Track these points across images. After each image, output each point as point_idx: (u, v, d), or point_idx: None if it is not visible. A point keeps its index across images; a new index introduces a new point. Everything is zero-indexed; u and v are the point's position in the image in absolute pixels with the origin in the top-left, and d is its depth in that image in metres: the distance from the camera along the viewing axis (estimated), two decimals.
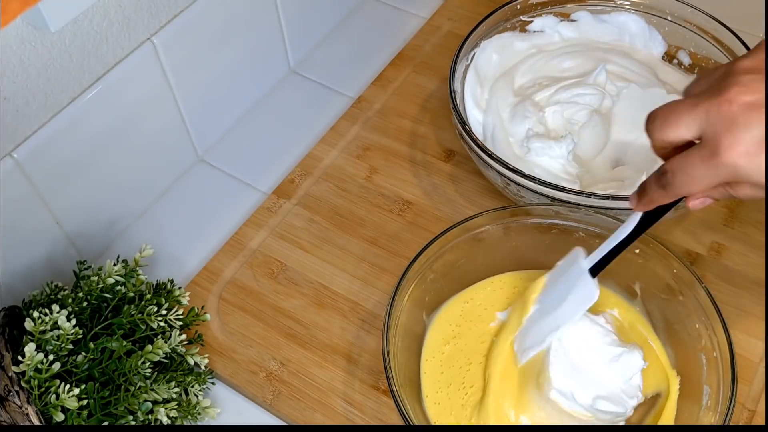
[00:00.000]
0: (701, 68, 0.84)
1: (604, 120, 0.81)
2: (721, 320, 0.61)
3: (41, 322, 0.60)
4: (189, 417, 0.66)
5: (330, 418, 0.68)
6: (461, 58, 0.81)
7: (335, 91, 0.95)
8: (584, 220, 0.69)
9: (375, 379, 0.70)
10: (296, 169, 0.86)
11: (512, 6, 0.86)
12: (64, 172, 0.72)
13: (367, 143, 0.88)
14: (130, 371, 0.62)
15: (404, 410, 0.59)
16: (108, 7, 0.70)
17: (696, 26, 0.83)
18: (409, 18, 1.03)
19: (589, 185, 0.77)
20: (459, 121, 0.75)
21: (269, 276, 0.78)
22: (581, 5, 0.88)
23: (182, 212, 0.85)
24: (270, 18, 0.90)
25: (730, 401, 0.58)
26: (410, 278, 0.66)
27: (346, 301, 0.76)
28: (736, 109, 0.47)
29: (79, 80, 0.70)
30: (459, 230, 0.69)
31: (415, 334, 0.69)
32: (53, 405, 0.58)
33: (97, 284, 0.66)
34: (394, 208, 0.82)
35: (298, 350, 0.73)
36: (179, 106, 0.82)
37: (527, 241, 0.71)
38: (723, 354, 0.60)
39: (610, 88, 0.82)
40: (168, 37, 0.76)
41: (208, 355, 0.70)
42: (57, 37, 0.66)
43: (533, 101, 0.82)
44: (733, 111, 0.47)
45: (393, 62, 0.96)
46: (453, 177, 0.85)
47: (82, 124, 0.72)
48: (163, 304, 0.66)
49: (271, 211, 0.83)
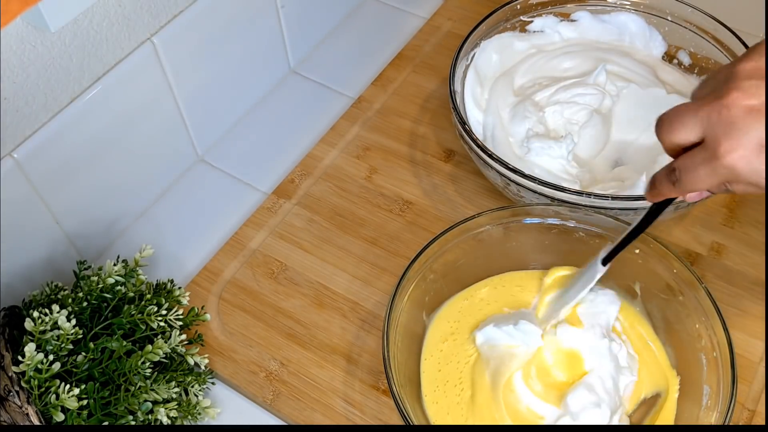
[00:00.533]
0: (701, 68, 0.84)
1: (604, 120, 0.81)
2: (721, 320, 0.61)
3: (41, 322, 0.60)
4: (189, 417, 0.66)
5: (330, 418, 0.68)
6: (461, 58, 0.81)
7: (335, 91, 0.95)
8: (584, 220, 0.69)
9: (375, 379, 0.70)
10: (296, 169, 0.86)
11: (512, 6, 0.86)
12: (64, 172, 0.72)
13: (367, 143, 0.88)
14: (130, 371, 0.62)
15: (404, 410, 0.59)
16: (108, 7, 0.70)
17: (696, 26, 0.83)
18: (409, 18, 1.03)
19: (589, 185, 0.77)
20: (459, 121, 0.75)
21: (269, 276, 0.78)
22: (581, 5, 0.88)
23: (182, 212, 0.85)
24: (270, 18, 0.90)
25: (730, 401, 0.58)
26: (410, 278, 0.66)
27: (346, 301, 0.76)
28: (736, 114, 0.49)
29: (79, 80, 0.70)
30: (459, 230, 0.69)
31: (415, 334, 0.69)
32: (53, 405, 0.58)
33: (97, 284, 0.66)
34: (394, 208, 0.82)
35: (298, 350, 0.73)
36: (179, 106, 0.82)
37: (527, 241, 0.71)
38: (723, 354, 0.60)
39: (610, 88, 0.82)
40: (168, 37, 0.76)
41: (208, 355, 0.70)
42: (57, 37, 0.66)
43: (533, 101, 0.82)
44: (733, 115, 0.49)
45: (393, 62, 0.96)
46: (453, 177, 0.85)
47: (82, 124, 0.72)
48: (163, 304, 0.66)
49: (271, 211, 0.83)
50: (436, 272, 0.69)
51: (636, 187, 0.74)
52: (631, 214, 0.70)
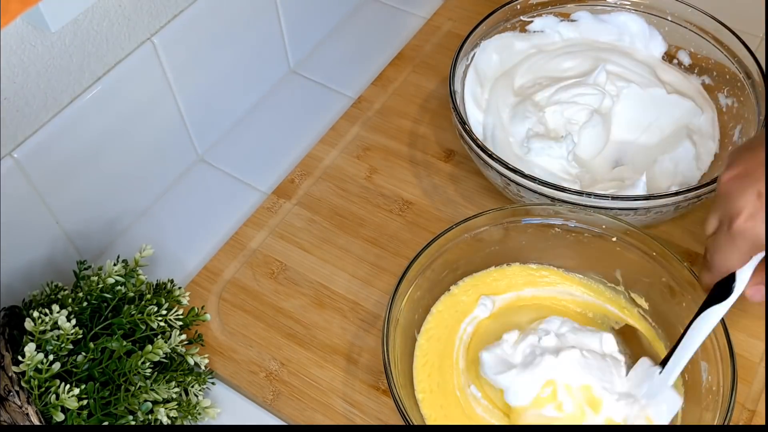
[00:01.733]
0: (701, 68, 0.84)
1: (604, 120, 0.81)
2: (721, 320, 0.61)
3: (41, 322, 0.60)
4: (189, 417, 0.66)
5: (330, 418, 0.68)
6: (461, 58, 0.81)
7: (335, 91, 0.95)
8: (584, 220, 0.69)
9: (375, 379, 0.70)
10: (296, 169, 0.86)
11: (512, 6, 0.86)
12: (64, 171, 0.72)
13: (367, 143, 0.88)
14: (130, 371, 0.62)
15: (404, 410, 0.59)
16: (108, 7, 0.70)
17: (696, 26, 0.83)
18: (409, 18, 1.03)
19: (589, 185, 0.77)
20: (459, 121, 0.75)
21: (269, 276, 0.78)
22: (581, 5, 0.88)
23: (182, 212, 0.85)
24: (270, 18, 0.90)
25: (730, 401, 0.58)
26: (410, 278, 0.66)
27: (346, 301, 0.76)
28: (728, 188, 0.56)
29: (79, 80, 0.70)
30: (459, 230, 0.69)
31: (415, 334, 0.69)
32: (53, 405, 0.58)
33: (97, 284, 0.66)
34: (394, 208, 0.82)
35: (298, 350, 0.73)
36: (179, 106, 0.82)
37: (527, 241, 0.71)
38: (723, 354, 0.60)
39: (610, 88, 0.82)
40: (168, 37, 0.76)
41: (208, 355, 0.70)
42: (57, 37, 0.66)
43: (533, 101, 0.82)
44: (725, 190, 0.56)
45: (393, 62, 0.96)
46: (453, 177, 0.85)
47: (82, 124, 0.72)
48: (163, 304, 0.66)
49: (271, 211, 0.83)
50: (436, 272, 0.69)
51: (636, 187, 0.74)
52: (631, 214, 0.70)
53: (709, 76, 0.84)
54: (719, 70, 0.82)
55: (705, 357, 0.62)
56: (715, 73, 0.83)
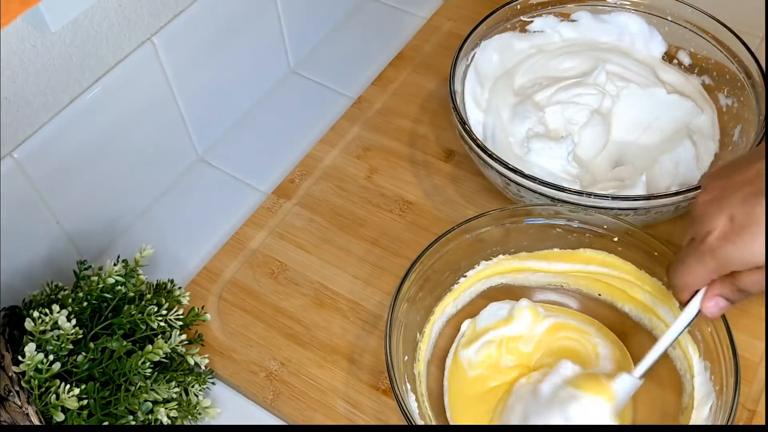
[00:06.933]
0: (701, 68, 0.84)
1: (604, 120, 0.81)
2: (723, 320, 0.61)
3: (41, 322, 0.60)
4: (189, 417, 0.66)
5: (330, 419, 0.68)
6: (461, 58, 0.81)
7: (335, 91, 0.95)
8: (584, 220, 0.69)
9: (376, 380, 0.70)
10: (296, 169, 0.86)
11: (512, 6, 0.86)
12: (64, 171, 0.72)
13: (367, 143, 0.88)
14: (130, 371, 0.62)
15: (406, 410, 0.59)
16: (108, 7, 0.70)
17: (696, 26, 0.83)
18: (409, 18, 1.03)
19: (589, 185, 0.77)
20: (459, 121, 0.75)
21: (269, 276, 0.78)
22: (581, 5, 0.88)
23: (182, 212, 0.85)
24: (270, 18, 0.90)
25: (733, 401, 0.58)
26: (412, 279, 0.66)
27: (347, 301, 0.76)
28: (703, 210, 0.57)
29: (79, 80, 0.70)
30: (460, 231, 0.69)
31: (417, 335, 0.69)
32: (53, 405, 0.58)
33: (97, 284, 0.66)
34: (394, 208, 0.82)
35: (299, 350, 0.73)
36: (179, 106, 0.82)
37: (527, 241, 0.71)
38: (725, 354, 0.60)
39: (610, 88, 0.82)
40: (168, 37, 0.76)
41: (208, 355, 0.70)
42: (57, 37, 0.66)
43: (533, 101, 0.82)
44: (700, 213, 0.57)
45: (393, 62, 0.96)
46: (453, 177, 0.85)
47: (82, 124, 0.72)
48: (163, 304, 0.66)
49: (271, 211, 0.83)
50: (437, 272, 0.69)
51: (636, 187, 0.74)
52: (631, 214, 0.70)
53: (709, 76, 0.84)
54: (719, 70, 0.82)
55: (708, 357, 0.62)
56: (715, 73, 0.83)
